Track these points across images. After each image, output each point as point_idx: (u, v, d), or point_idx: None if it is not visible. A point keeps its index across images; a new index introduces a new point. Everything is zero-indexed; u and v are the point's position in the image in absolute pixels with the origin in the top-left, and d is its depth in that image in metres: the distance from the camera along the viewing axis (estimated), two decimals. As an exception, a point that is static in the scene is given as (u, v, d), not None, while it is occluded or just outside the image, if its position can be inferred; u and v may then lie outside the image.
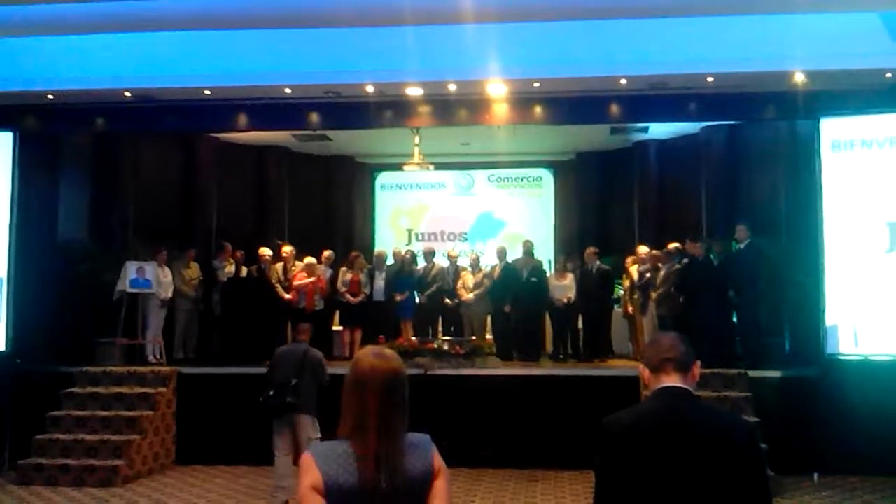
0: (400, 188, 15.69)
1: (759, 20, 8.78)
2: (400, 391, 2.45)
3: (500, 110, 10.53)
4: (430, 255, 12.47)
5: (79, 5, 8.70)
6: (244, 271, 11.92)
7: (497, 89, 10.19)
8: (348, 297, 11.66)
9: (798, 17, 8.67)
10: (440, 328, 12.02)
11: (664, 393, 2.61)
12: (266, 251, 11.80)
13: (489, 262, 12.56)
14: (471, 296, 11.69)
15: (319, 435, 7.35)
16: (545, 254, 13.59)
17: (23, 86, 10.11)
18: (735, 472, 2.44)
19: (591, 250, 11.83)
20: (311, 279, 11.39)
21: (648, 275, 11.26)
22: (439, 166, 13.74)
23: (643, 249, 11.63)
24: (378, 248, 13.66)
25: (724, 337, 10.12)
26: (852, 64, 9.03)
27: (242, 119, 10.88)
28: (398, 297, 11.74)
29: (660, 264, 11.29)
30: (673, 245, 10.96)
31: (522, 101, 10.45)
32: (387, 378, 2.43)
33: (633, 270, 11.65)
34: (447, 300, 11.91)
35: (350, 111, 10.76)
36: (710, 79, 9.60)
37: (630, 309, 11.72)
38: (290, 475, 7.55)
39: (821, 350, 9.26)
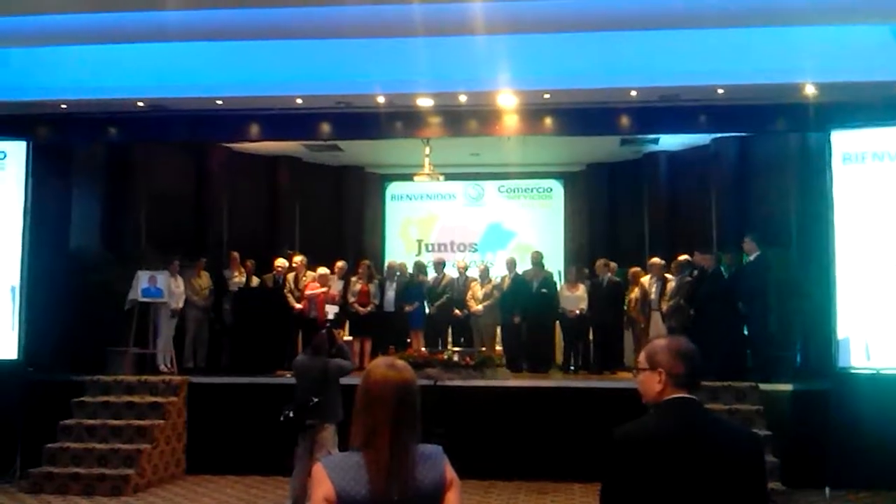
0: (410, 198, 15.71)
1: (770, 32, 8.77)
2: (412, 402, 2.46)
3: (511, 121, 10.55)
4: (440, 265, 12.48)
5: (92, 15, 8.75)
6: (255, 281, 11.96)
7: (507, 100, 10.22)
8: (357, 307, 11.68)
9: (809, 29, 8.65)
10: (450, 339, 12.03)
11: (676, 404, 2.58)
12: (282, 262, 11.85)
13: (499, 272, 12.56)
14: (480, 307, 11.70)
15: (337, 450, 7.28)
16: (554, 265, 13.57)
17: (36, 95, 10.17)
18: (739, 482, 2.45)
19: (601, 262, 11.83)
20: (323, 289, 11.41)
21: (653, 289, 11.31)
22: (449, 177, 13.75)
23: (655, 261, 11.65)
24: (389, 259, 13.71)
25: (735, 349, 10.07)
26: (863, 76, 9.01)
27: (254, 129, 10.93)
28: (408, 308, 11.76)
29: (667, 275, 11.29)
30: (683, 257, 10.95)
31: (533, 112, 10.47)
32: (399, 389, 2.44)
33: (645, 281, 11.65)
34: (457, 311, 11.91)
35: (361, 121, 10.80)
36: (720, 91, 9.60)
37: (641, 320, 11.68)
38: (301, 487, 7.53)
39: (832, 363, 9.18)
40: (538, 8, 8.55)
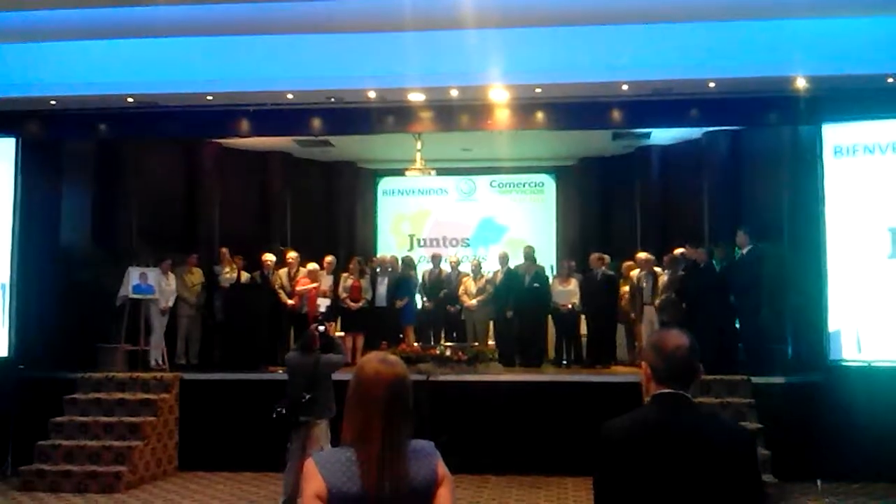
0: (402, 194, 15.67)
1: (761, 25, 8.78)
2: (404, 397, 2.45)
3: (502, 116, 10.52)
4: (437, 260, 12.46)
5: (82, 11, 8.71)
6: (246, 277, 11.92)
7: (499, 95, 10.20)
8: (349, 302, 11.67)
9: (800, 22, 8.66)
10: (443, 334, 12.02)
11: (663, 399, 2.57)
12: (270, 257, 11.82)
13: (491, 267, 12.55)
14: (473, 302, 11.69)
15: (330, 445, 7.25)
16: (547, 259, 13.59)
17: (26, 91, 10.12)
18: (732, 479, 2.43)
19: (596, 255, 11.83)
20: (314, 285, 11.40)
21: (644, 283, 11.32)
22: (441, 172, 13.72)
23: (642, 255, 11.65)
24: (380, 254, 13.69)
25: (727, 343, 10.10)
26: (854, 69, 9.02)
27: (245, 125, 10.88)
28: (398, 304, 11.74)
29: (656, 269, 11.30)
30: (679, 251, 10.97)
31: (524, 106, 10.45)
32: (391, 384, 2.43)
33: (634, 275, 11.66)
34: (449, 306, 11.90)
35: (352, 117, 10.77)
36: (711, 84, 9.60)
37: (633, 315, 11.68)
38: (294, 483, 7.49)
39: (824, 356, 9.24)
40: (529, 2, 8.55)
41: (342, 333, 11.63)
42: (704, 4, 8.46)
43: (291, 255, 12.01)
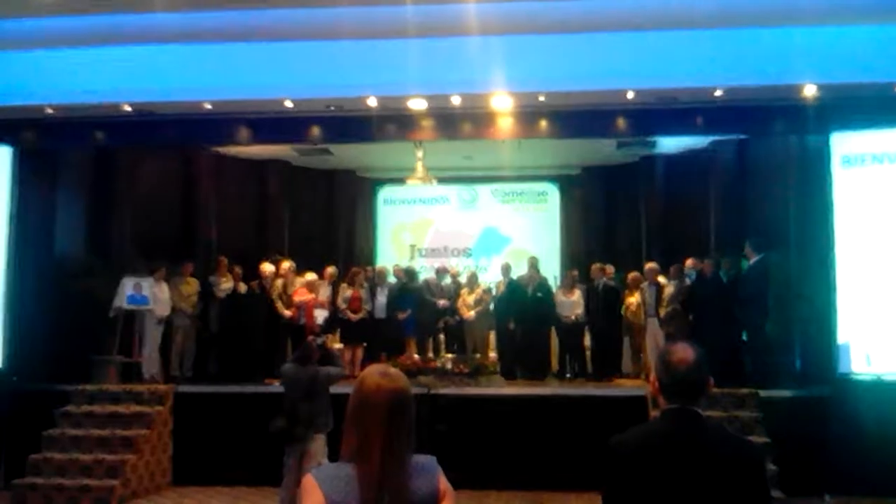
0: (403, 203, 15.55)
1: (769, 33, 8.71)
2: (406, 412, 2.40)
3: (505, 124, 10.40)
4: (441, 274, 12.35)
5: (78, 18, 8.66)
6: (243, 287, 11.76)
7: (502, 103, 10.08)
8: (349, 313, 11.52)
9: (808, 29, 8.60)
10: (443, 346, 11.89)
11: (672, 414, 2.58)
12: (268, 267, 11.67)
13: (493, 278, 12.44)
14: (472, 313, 11.55)
15: (326, 460, 7.11)
16: (550, 269, 13.47)
17: (22, 100, 10.00)
18: (740, 494, 2.43)
19: (597, 266, 11.73)
20: (312, 296, 11.25)
21: (647, 294, 11.20)
22: (442, 180, 13.65)
23: (650, 266, 11.52)
24: (380, 264, 13.56)
25: (734, 356, 9.98)
26: (863, 77, 8.94)
27: (243, 133, 10.76)
28: (400, 315, 11.59)
29: (660, 279, 11.16)
30: (689, 262, 10.88)
31: (527, 114, 10.33)
32: (392, 398, 2.38)
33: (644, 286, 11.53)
34: (448, 318, 11.77)
35: (352, 125, 10.64)
36: (718, 92, 9.47)
37: (640, 325, 11.53)
38: (290, 498, 7.36)
39: (832, 369, 9.16)
40: (533, 9, 8.48)
41: (341, 345, 11.48)
42: (711, 12, 8.38)
43: (285, 264, 11.86)
